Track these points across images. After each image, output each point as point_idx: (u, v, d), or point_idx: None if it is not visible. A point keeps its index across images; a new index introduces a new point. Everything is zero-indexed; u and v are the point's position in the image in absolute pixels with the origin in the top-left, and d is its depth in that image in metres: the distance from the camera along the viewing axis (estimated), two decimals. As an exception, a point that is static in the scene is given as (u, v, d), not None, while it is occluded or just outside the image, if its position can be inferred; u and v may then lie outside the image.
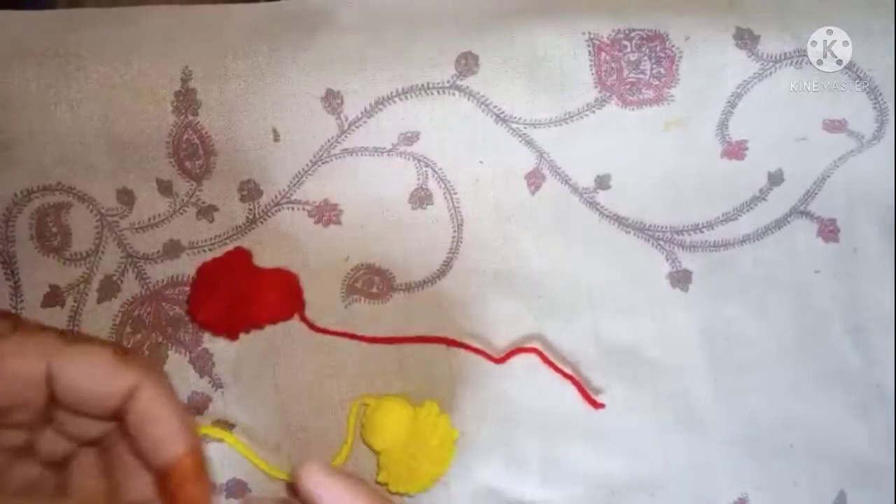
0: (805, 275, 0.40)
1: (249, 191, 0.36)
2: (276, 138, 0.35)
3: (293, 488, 0.26)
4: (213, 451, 0.35)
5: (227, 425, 0.36)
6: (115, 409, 0.24)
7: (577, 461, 0.38)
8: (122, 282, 0.36)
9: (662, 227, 0.39)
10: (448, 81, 0.35)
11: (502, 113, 0.36)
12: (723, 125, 0.38)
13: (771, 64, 0.37)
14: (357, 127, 0.35)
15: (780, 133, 0.39)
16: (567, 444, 0.38)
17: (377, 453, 0.36)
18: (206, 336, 0.36)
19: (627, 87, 0.36)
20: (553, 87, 0.36)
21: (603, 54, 0.36)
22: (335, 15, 0.36)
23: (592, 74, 0.36)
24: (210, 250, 0.36)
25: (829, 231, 0.40)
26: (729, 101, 0.37)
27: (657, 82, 0.36)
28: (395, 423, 0.35)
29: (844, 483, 0.39)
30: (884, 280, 0.41)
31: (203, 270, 0.36)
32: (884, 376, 0.40)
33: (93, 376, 0.23)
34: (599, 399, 0.38)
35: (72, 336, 0.24)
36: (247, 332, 0.36)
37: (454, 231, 0.38)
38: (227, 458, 0.35)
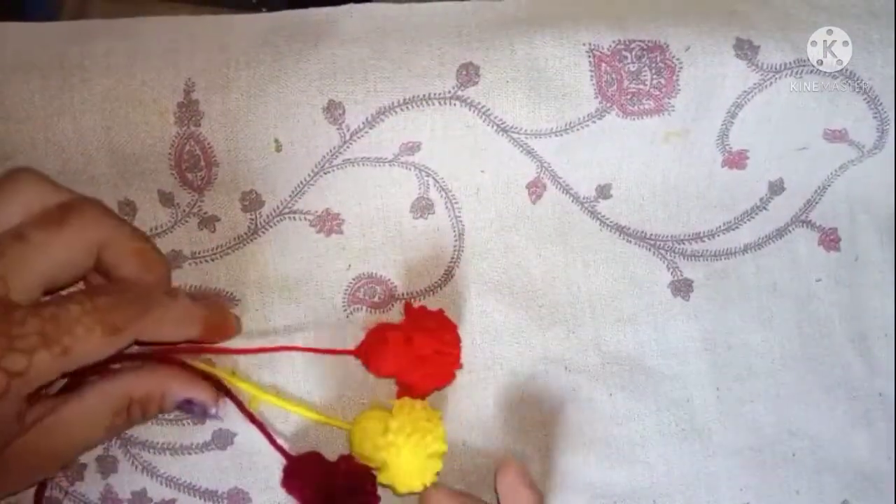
0: (807, 284, 0.40)
1: (251, 201, 0.36)
2: (278, 148, 0.35)
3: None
4: (211, 458, 0.35)
5: (230, 433, 0.36)
6: None
7: (579, 470, 0.38)
8: (124, 292, 0.36)
9: (663, 237, 0.39)
10: (449, 92, 0.35)
11: (503, 123, 0.36)
12: (723, 135, 0.38)
13: (771, 74, 0.37)
14: (359, 137, 0.36)
15: (780, 143, 0.39)
16: (568, 453, 0.38)
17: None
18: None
19: (628, 97, 0.36)
20: (554, 97, 0.36)
21: (603, 65, 0.36)
22: (337, 26, 0.36)
23: (593, 85, 0.36)
24: (212, 260, 0.36)
25: (830, 240, 0.40)
26: (729, 111, 0.37)
27: (657, 93, 0.36)
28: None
29: (847, 492, 0.39)
30: (886, 289, 0.41)
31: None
32: (886, 385, 0.40)
33: None
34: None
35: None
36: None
37: (455, 240, 0.38)
38: (230, 464, 0.35)
